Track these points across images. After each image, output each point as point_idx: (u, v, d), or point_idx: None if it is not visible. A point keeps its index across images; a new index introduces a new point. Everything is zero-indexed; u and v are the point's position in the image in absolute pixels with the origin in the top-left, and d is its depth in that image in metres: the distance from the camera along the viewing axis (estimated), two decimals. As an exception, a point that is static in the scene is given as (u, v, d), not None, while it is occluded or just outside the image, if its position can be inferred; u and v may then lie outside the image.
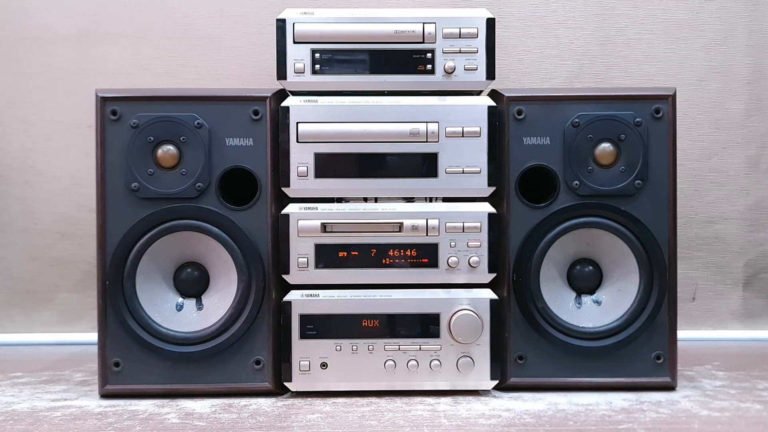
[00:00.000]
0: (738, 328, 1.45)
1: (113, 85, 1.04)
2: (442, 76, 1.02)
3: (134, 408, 0.96)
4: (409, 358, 1.01)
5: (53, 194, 1.44)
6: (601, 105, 1.02)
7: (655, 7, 1.43)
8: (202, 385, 1.01)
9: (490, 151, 1.02)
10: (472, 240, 1.01)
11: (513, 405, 0.96)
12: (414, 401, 0.98)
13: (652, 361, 1.03)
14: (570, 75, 1.43)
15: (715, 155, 1.44)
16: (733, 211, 1.45)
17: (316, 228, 1.01)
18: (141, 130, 1.00)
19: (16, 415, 0.94)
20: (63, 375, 1.15)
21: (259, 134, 1.01)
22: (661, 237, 1.02)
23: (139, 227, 1.00)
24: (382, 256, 1.01)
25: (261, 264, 1.01)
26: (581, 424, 0.89)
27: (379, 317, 1.01)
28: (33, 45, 1.43)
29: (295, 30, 1.01)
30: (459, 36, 1.02)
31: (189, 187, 1.00)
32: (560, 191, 1.02)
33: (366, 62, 1.02)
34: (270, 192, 1.01)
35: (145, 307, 1.01)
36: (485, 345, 1.01)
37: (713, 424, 0.89)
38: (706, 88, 1.44)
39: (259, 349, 1.01)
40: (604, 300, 1.05)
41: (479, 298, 1.01)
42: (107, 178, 1.01)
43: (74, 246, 1.43)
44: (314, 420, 0.91)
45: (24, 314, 1.45)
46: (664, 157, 1.02)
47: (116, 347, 1.01)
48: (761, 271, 1.45)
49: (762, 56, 1.44)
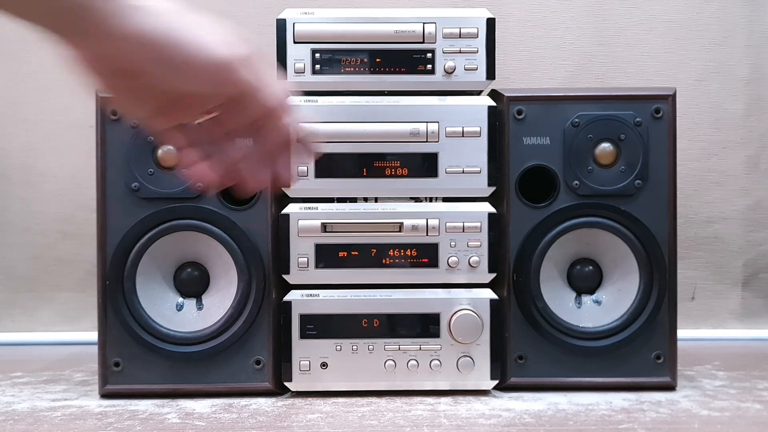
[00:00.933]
0: (738, 328, 1.45)
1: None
2: (442, 76, 1.02)
3: (134, 408, 0.96)
4: (409, 358, 1.01)
5: (54, 194, 1.44)
6: (601, 105, 1.03)
7: (655, 8, 1.43)
8: (202, 385, 1.01)
9: (490, 151, 1.02)
10: (472, 240, 1.01)
11: (513, 405, 0.96)
12: (414, 401, 0.98)
13: (652, 361, 1.03)
14: (570, 75, 1.43)
15: (715, 155, 1.45)
16: (732, 211, 1.45)
17: (316, 228, 1.01)
18: (141, 129, 1.00)
19: (16, 415, 0.94)
20: (63, 375, 1.15)
21: (259, 134, 1.01)
22: (661, 237, 1.02)
23: (139, 227, 1.00)
24: (382, 256, 1.01)
25: (261, 264, 1.01)
26: (581, 424, 0.89)
27: (379, 317, 1.01)
28: (33, 45, 1.43)
29: (295, 30, 1.02)
30: (459, 36, 1.02)
31: (189, 186, 1.00)
32: (560, 191, 1.02)
33: (366, 62, 1.02)
34: (270, 192, 1.01)
35: (145, 306, 1.01)
36: (485, 345, 1.01)
37: (713, 424, 0.89)
38: (706, 88, 1.44)
39: (259, 349, 1.01)
40: (604, 300, 1.05)
41: (479, 298, 1.01)
42: (107, 178, 1.01)
43: (75, 245, 1.43)
44: (314, 420, 0.91)
45: (25, 314, 1.45)
46: (664, 157, 1.03)
47: (116, 347, 1.01)
48: (760, 270, 1.46)
49: (761, 56, 1.44)
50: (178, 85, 0.50)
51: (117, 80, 0.51)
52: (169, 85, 0.50)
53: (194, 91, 0.51)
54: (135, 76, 0.50)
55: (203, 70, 0.50)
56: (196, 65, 0.49)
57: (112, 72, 0.50)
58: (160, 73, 0.49)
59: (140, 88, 0.51)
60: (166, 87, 0.50)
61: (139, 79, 0.50)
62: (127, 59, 0.49)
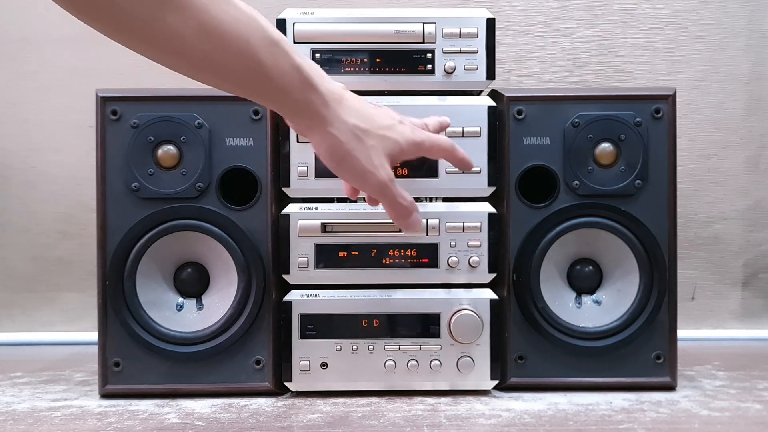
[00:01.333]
0: (738, 328, 1.45)
1: (113, 85, 1.04)
2: (442, 76, 1.02)
3: (134, 408, 0.96)
4: (409, 358, 1.01)
5: (54, 194, 1.44)
6: (601, 105, 1.03)
7: (655, 8, 1.43)
8: (202, 385, 1.01)
9: (490, 151, 1.02)
10: (473, 240, 1.01)
11: (513, 405, 0.96)
12: (414, 401, 0.98)
13: (652, 361, 1.03)
14: (570, 75, 1.43)
15: (715, 155, 1.45)
16: (732, 211, 1.45)
17: (316, 228, 1.01)
18: (141, 130, 1.00)
19: (17, 415, 0.94)
20: (63, 375, 1.15)
21: (259, 134, 1.01)
22: (661, 237, 1.02)
23: (139, 227, 1.00)
24: (382, 256, 1.01)
25: (261, 264, 1.01)
26: (581, 424, 0.89)
27: (379, 317, 1.01)
28: (34, 45, 1.43)
29: (296, 30, 1.02)
30: (459, 36, 1.02)
31: (189, 187, 1.01)
32: (560, 191, 1.02)
33: (366, 62, 1.02)
34: (270, 192, 1.01)
35: (145, 307, 1.01)
36: (485, 345, 1.01)
37: (713, 424, 0.89)
38: (706, 89, 1.44)
39: (259, 349, 1.01)
40: (604, 300, 1.05)
41: (479, 298, 1.01)
42: (107, 178, 1.01)
43: (75, 246, 1.43)
44: (314, 420, 0.91)
45: (25, 314, 1.45)
46: (664, 157, 1.03)
47: (116, 347, 1.01)
48: (760, 270, 1.46)
49: (761, 56, 1.44)
50: (353, 183, 0.80)
51: (326, 161, 0.78)
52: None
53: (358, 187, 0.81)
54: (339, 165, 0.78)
55: (364, 182, 0.79)
56: (362, 180, 0.79)
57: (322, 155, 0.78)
58: (341, 175, 0.78)
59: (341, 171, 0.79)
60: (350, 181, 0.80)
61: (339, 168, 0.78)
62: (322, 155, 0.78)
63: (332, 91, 0.76)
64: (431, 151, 0.84)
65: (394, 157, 0.81)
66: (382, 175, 0.78)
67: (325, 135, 0.76)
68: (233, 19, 0.68)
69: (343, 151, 0.76)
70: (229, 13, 0.68)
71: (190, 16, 0.65)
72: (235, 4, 0.69)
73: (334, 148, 0.76)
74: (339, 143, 0.76)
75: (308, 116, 0.76)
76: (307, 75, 0.73)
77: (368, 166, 0.78)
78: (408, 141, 0.81)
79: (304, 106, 0.74)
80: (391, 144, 0.79)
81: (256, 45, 0.69)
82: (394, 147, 0.80)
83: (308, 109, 0.75)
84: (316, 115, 0.75)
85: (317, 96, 0.74)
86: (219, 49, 0.68)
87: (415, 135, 0.82)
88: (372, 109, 0.80)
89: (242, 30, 0.68)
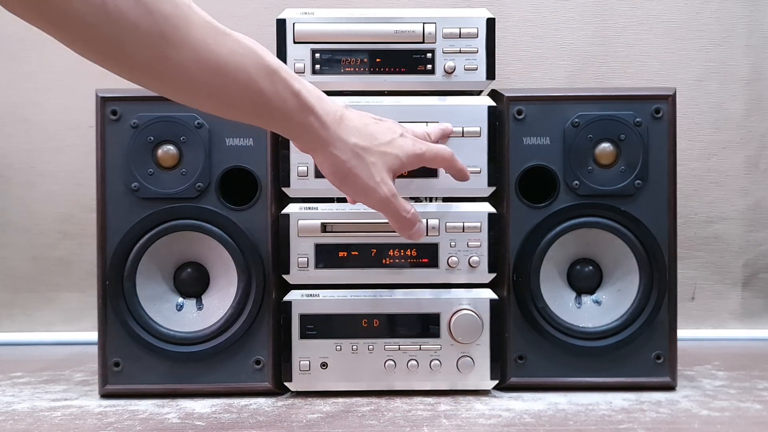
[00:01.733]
0: (738, 328, 1.45)
1: (113, 85, 1.04)
2: (442, 76, 1.02)
3: (134, 408, 0.96)
4: (409, 358, 1.01)
5: (54, 194, 1.44)
6: (601, 105, 1.03)
7: (655, 7, 1.43)
8: (202, 385, 1.01)
9: (490, 151, 1.02)
10: (472, 240, 1.01)
11: (513, 405, 0.97)
12: (414, 401, 0.98)
13: (652, 361, 1.03)
14: (570, 75, 1.43)
15: (715, 155, 1.45)
16: (732, 211, 1.45)
17: (316, 228, 1.01)
18: (141, 130, 1.00)
19: (16, 415, 0.94)
20: (63, 375, 1.15)
21: (259, 134, 1.01)
22: (661, 237, 1.02)
23: (139, 227, 1.00)
24: (382, 256, 1.01)
25: (261, 264, 1.01)
26: (581, 424, 0.89)
27: (379, 317, 1.01)
28: (33, 45, 1.43)
29: (295, 30, 1.02)
30: (459, 36, 1.02)
31: (189, 187, 1.01)
32: (560, 191, 1.02)
33: (366, 62, 1.02)
34: (270, 192, 1.01)
35: (145, 307, 1.01)
36: (485, 345, 1.01)
37: (713, 424, 0.89)
38: (706, 89, 1.44)
39: (259, 349, 1.01)
40: (604, 300, 1.05)
41: (479, 298, 1.01)
42: (107, 178, 1.01)
43: (76, 246, 1.43)
44: (314, 420, 0.91)
45: (25, 314, 1.45)
46: (664, 157, 1.03)
47: (116, 347, 1.01)
48: (760, 270, 1.46)
49: (761, 56, 1.44)
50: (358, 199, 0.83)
51: (330, 179, 0.82)
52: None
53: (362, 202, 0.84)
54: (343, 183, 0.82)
55: (367, 198, 0.82)
56: (365, 196, 0.82)
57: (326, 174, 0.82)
58: (345, 191, 0.83)
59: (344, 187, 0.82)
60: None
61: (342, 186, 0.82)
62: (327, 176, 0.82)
63: (331, 112, 0.79)
64: (432, 162, 0.87)
65: (395, 171, 0.83)
66: (384, 191, 0.81)
67: (327, 155, 0.79)
68: (230, 51, 0.71)
69: (345, 170, 0.79)
70: (226, 45, 0.71)
71: (188, 51, 0.68)
72: (232, 37, 0.71)
73: (336, 167, 0.80)
74: (341, 162, 0.79)
75: (309, 139, 0.79)
76: (306, 100, 0.76)
77: (370, 183, 0.81)
78: (408, 154, 0.84)
79: (304, 130, 0.78)
80: (392, 159, 0.82)
81: (255, 75, 0.72)
82: (394, 162, 0.82)
83: (308, 132, 0.78)
84: (316, 137, 0.78)
85: (316, 119, 0.77)
86: (220, 81, 0.71)
87: (416, 147, 0.85)
88: (373, 125, 0.82)
89: (240, 61, 0.71)
